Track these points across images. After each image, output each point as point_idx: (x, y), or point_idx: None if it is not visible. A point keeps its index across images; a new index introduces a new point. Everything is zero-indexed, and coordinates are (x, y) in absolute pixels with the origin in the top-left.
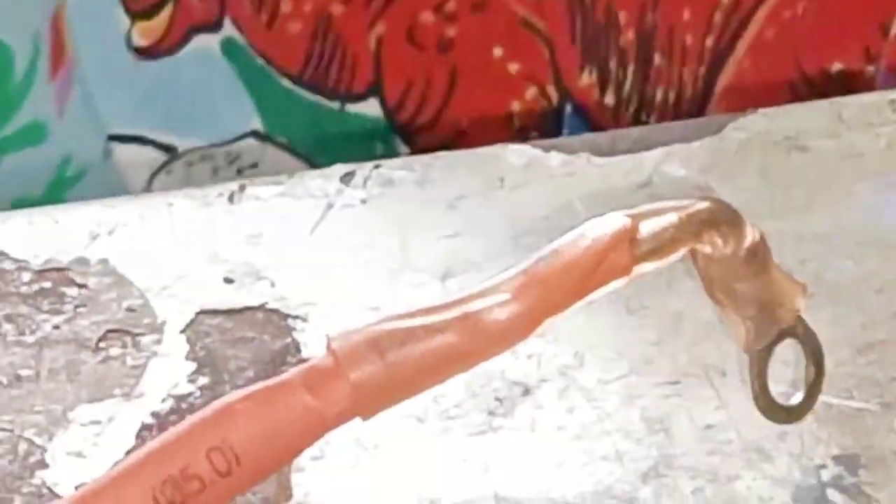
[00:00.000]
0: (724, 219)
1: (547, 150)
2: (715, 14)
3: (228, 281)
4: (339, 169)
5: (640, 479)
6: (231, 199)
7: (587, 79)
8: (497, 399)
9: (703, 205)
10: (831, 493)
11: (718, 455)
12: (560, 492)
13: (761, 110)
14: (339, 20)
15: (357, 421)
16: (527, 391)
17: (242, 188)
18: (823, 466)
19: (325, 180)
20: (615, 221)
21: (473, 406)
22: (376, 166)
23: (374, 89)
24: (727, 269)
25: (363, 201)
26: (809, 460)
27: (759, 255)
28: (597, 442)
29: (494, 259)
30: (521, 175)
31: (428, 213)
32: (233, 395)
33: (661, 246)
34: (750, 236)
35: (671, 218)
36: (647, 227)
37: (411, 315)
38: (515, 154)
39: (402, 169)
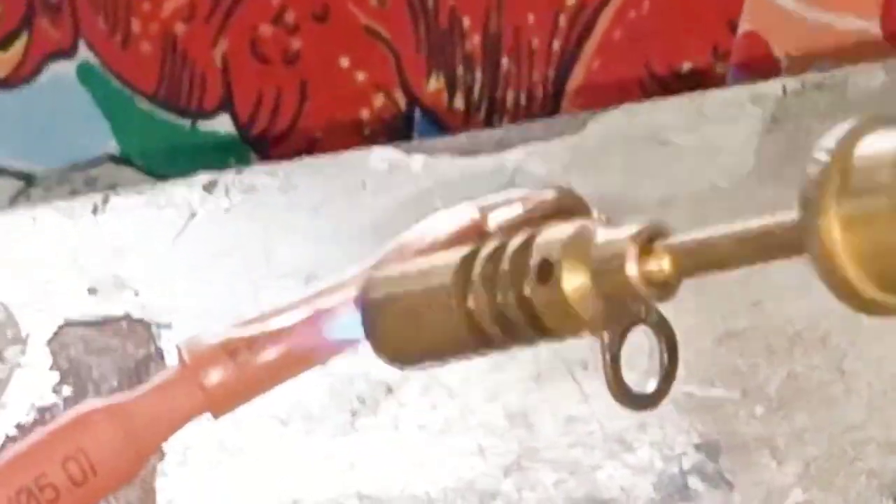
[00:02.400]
0: (570, 206)
1: (409, 152)
2: (560, 16)
3: (92, 291)
4: (202, 178)
5: (503, 472)
6: (95, 210)
7: (435, 84)
8: (360, 399)
9: (550, 193)
10: (692, 481)
11: (580, 447)
12: (423, 488)
13: (623, 106)
14: (184, 39)
15: (221, 425)
16: (390, 390)
17: (106, 199)
18: (684, 454)
19: (188, 189)
20: (463, 213)
21: (336, 406)
22: (238, 173)
23: (225, 105)
24: None
25: (226, 209)
26: (670, 449)
27: None
28: (459, 438)
29: (358, 262)
30: (384, 178)
31: (291, 219)
32: (87, 405)
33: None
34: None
35: (517, 207)
36: (495, 218)
37: (263, 317)
38: (378, 158)
39: (265, 175)
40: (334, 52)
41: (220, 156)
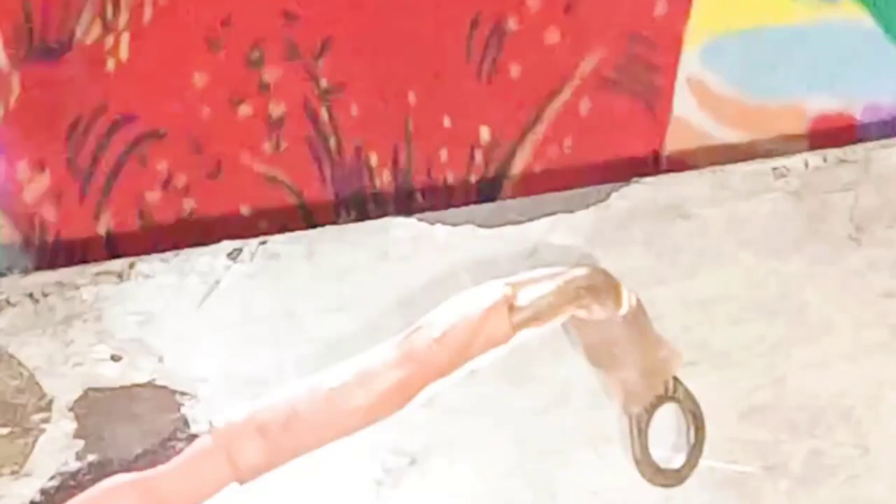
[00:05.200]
0: (600, 284)
1: (432, 223)
2: (475, 153)
3: (116, 358)
4: (226, 245)
5: None
6: (120, 276)
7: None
8: (385, 469)
9: (580, 271)
10: None
11: None
12: None
13: (645, 179)
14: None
15: (243, 494)
16: (414, 461)
17: (132, 266)
18: None
19: (212, 257)
20: (494, 290)
21: (361, 477)
22: (262, 242)
23: None
24: (605, 334)
25: (250, 276)
26: None
27: (636, 320)
28: None
29: (381, 331)
30: (408, 247)
31: (315, 287)
32: (117, 480)
33: (539, 313)
34: (627, 302)
35: (549, 285)
36: (525, 295)
37: (294, 393)
38: (401, 227)
39: (288, 243)
40: (233, 204)
41: None
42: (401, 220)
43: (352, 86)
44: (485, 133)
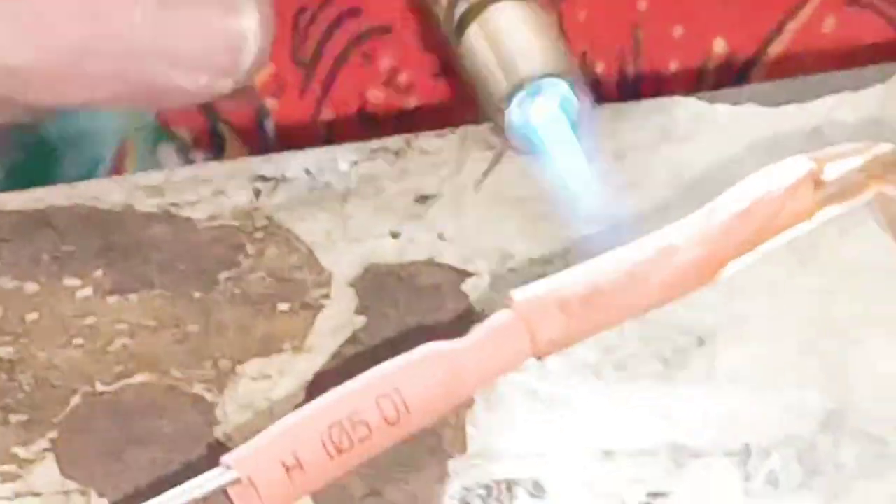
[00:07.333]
0: None
1: (712, 101)
2: (707, 65)
3: (395, 235)
4: None
5: (819, 427)
6: (397, 153)
7: None
8: (674, 349)
9: (887, 146)
10: None
11: None
12: (741, 440)
13: None
14: None
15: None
16: (702, 341)
17: (409, 142)
18: None
19: (490, 132)
20: (799, 165)
21: (649, 356)
22: None
23: None
24: None
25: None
26: None
27: None
28: (773, 392)
29: (663, 210)
30: (688, 126)
31: (595, 165)
32: (426, 349)
33: (845, 189)
34: None
35: (855, 160)
36: (831, 170)
37: (593, 268)
38: (681, 106)
39: None
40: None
41: None
42: (680, 98)
43: None
44: (719, 46)
